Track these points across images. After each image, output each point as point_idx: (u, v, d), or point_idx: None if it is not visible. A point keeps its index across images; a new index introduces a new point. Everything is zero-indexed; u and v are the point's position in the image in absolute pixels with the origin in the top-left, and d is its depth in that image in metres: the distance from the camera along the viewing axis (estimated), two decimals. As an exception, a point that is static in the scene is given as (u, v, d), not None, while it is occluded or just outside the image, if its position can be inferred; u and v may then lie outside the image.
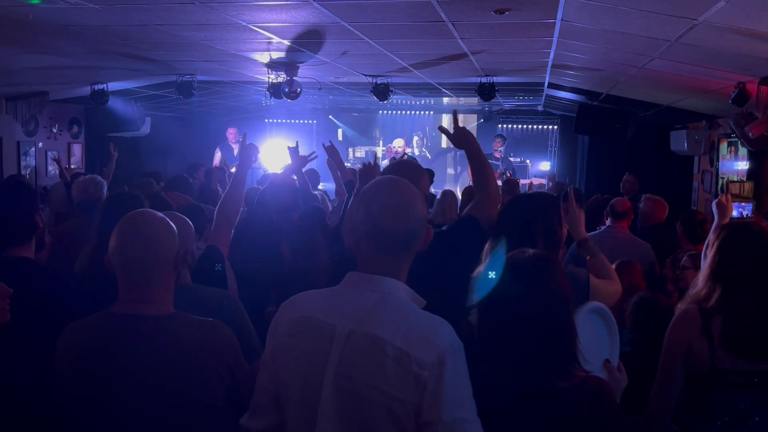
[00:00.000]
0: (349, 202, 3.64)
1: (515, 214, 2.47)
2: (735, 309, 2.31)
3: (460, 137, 2.67)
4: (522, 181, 10.57)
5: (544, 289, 1.71)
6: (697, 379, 2.33)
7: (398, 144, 9.72)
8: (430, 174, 7.90)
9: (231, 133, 10.09)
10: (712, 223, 3.50)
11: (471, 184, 8.38)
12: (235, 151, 9.87)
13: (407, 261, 1.66)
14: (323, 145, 4.88)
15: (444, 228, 2.55)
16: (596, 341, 1.94)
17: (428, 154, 13.26)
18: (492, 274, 2.13)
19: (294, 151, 4.64)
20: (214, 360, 1.86)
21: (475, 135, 2.72)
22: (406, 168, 2.65)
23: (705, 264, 2.50)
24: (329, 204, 5.68)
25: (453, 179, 13.13)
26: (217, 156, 9.92)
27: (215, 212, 2.99)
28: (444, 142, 13.02)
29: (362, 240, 1.64)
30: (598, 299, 2.25)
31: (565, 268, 2.42)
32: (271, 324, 1.70)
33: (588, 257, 2.75)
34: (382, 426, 1.49)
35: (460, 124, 2.69)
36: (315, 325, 1.60)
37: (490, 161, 2.73)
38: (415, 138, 13.24)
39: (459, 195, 7.17)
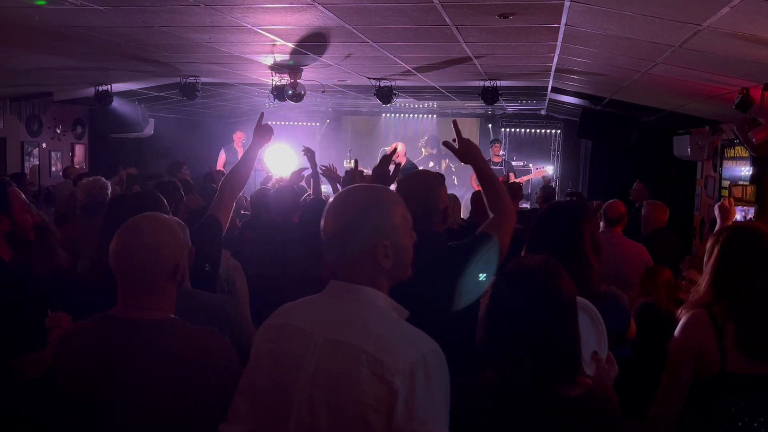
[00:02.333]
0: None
1: (559, 219, 2.45)
2: (744, 313, 2.32)
3: (464, 151, 2.56)
4: (524, 178, 10.60)
5: (552, 295, 1.69)
6: (706, 383, 2.33)
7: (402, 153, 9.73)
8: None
9: (238, 137, 10.06)
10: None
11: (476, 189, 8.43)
12: (240, 154, 9.86)
13: (383, 272, 1.62)
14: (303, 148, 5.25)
15: (461, 243, 2.45)
16: (585, 337, 1.95)
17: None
18: (483, 277, 2.14)
19: (308, 151, 4.91)
20: (206, 370, 1.81)
21: (477, 138, 2.66)
22: (421, 179, 2.50)
23: (706, 268, 2.50)
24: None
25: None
26: (222, 158, 9.91)
27: (220, 184, 2.99)
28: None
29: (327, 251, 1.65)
30: None
31: (608, 289, 2.43)
32: (257, 332, 1.71)
33: None
34: None
35: (460, 138, 2.60)
36: (292, 332, 1.60)
37: (490, 166, 2.70)
38: (421, 145, 13.14)
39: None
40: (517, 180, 10.08)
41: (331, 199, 1.68)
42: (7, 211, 2.40)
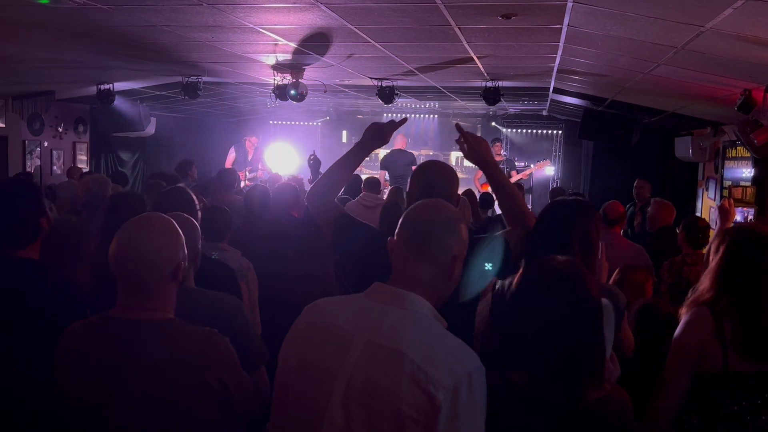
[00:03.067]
0: None
1: (554, 218, 2.38)
2: (745, 313, 2.32)
3: (473, 150, 2.51)
4: (526, 173, 10.64)
5: (581, 297, 1.66)
6: (708, 381, 2.33)
7: (399, 141, 9.74)
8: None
9: (252, 141, 9.97)
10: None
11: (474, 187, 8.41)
12: (250, 155, 9.84)
13: (437, 280, 1.62)
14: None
15: (481, 236, 2.43)
16: None
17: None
18: (489, 266, 2.12)
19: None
20: (205, 372, 1.81)
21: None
22: (444, 171, 2.45)
23: (710, 267, 2.50)
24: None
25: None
26: (231, 156, 9.86)
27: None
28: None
29: (401, 251, 1.63)
30: None
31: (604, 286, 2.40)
32: (291, 327, 1.66)
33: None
34: None
35: (466, 137, 2.53)
36: (332, 330, 1.56)
37: None
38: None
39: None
40: (519, 175, 10.16)
41: (415, 205, 1.69)
42: (44, 213, 2.39)
